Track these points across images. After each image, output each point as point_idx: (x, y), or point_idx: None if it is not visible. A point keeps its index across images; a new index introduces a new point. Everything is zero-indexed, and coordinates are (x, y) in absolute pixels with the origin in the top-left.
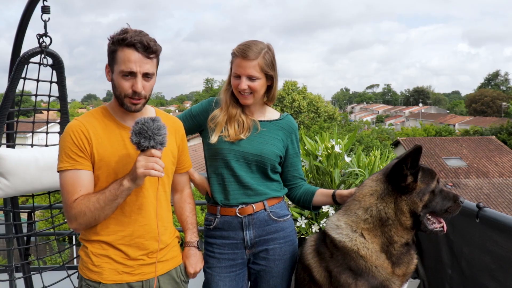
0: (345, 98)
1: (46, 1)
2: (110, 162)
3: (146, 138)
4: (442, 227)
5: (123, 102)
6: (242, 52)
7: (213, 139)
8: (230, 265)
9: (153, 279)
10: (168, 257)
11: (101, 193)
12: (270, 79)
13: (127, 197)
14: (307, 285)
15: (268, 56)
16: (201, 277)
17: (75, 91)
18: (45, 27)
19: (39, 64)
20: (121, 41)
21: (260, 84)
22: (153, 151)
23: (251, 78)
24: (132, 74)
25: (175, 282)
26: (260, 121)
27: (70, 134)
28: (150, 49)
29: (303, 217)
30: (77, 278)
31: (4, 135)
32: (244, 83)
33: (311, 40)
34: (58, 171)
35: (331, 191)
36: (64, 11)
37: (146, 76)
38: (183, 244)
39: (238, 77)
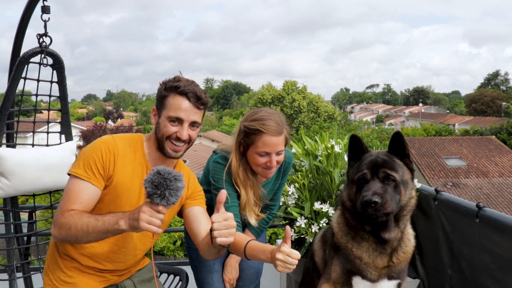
0: (345, 98)
1: (46, 1)
2: (121, 194)
3: (160, 196)
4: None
5: (163, 146)
6: (276, 132)
7: (253, 222)
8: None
9: (128, 279)
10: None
11: (95, 219)
12: None
13: (116, 235)
14: (311, 274)
15: (286, 122)
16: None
17: (75, 91)
18: (45, 27)
19: (39, 64)
20: (174, 89)
21: (283, 155)
22: (161, 208)
23: (279, 153)
24: (179, 121)
25: (147, 278)
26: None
27: (102, 149)
28: (201, 100)
29: (303, 217)
30: None
31: (5, 135)
32: (274, 160)
33: (313, 40)
34: (70, 174)
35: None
36: (65, 10)
37: (193, 125)
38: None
39: (267, 154)
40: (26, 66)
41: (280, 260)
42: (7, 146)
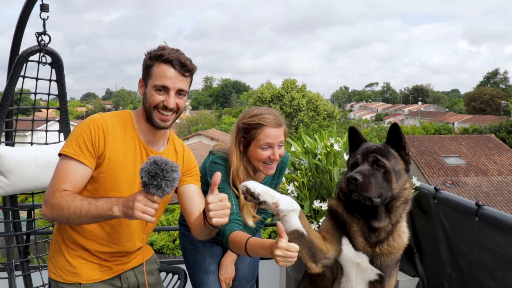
0: (344, 97)
1: None
2: (116, 170)
3: (156, 187)
4: None
5: (151, 116)
6: (276, 123)
7: (251, 223)
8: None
9: (130, 270)
10: (138, 255)
11: (88, 203)
12: None
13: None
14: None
15: (282, 117)
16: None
17: (74, 89)
18: (44, 25)
19: (38, 62)
20: (158, 57)
21: (284, 148)
22: (156, 198)
23: (280, 144)
24: (165, 89)
25: (148, 270)
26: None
27: (91, 126)
28: (186, 67)
29: None
30: (47, 285)
31: (3, 134)
32: (277, 153)
33: (312, 38)
34: (60, 154)
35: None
36: (65, 9)
37: (179, 93)
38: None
39: (269, 147)
40: (25, 64)
41: (280, 255)
42: (6, 144)
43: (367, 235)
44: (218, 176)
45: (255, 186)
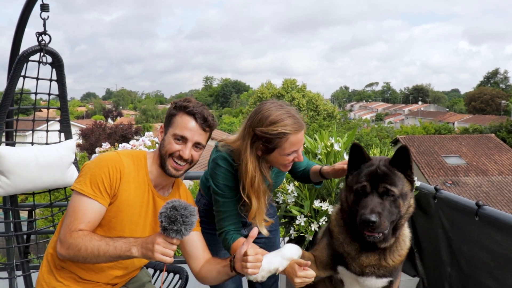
0: (344, 96)
1: None
2: (123, 211)
3: (176, 231)
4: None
5: (165, 163)
6: (299, 127)
7: (265, 232)
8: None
9: (123, 287)
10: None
11: (105, 243)
12: None
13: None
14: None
15: (291, 105)
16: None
17: (74, 89)
18: (44, 25)
19: (39, 62)
20: (183, 108)
21: None
22: (175, 241)
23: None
24: (183, 140)
25: (140, 284)
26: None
27: (109, 167)
28: (207, 123)
29: (303, 215)
30: None
31: (4, 134)
32: (301, 154)
33: (313, 38)
34: (76, 191)
35: (318, 168)
36: (65, 8)
37: (196, 145)
38: None
39: (294, 152)
40: (25, 64)
41: (299, 283)
42: (7, 144)
43: (369, 251)
44: (255, 231)
45: (260, 276)
